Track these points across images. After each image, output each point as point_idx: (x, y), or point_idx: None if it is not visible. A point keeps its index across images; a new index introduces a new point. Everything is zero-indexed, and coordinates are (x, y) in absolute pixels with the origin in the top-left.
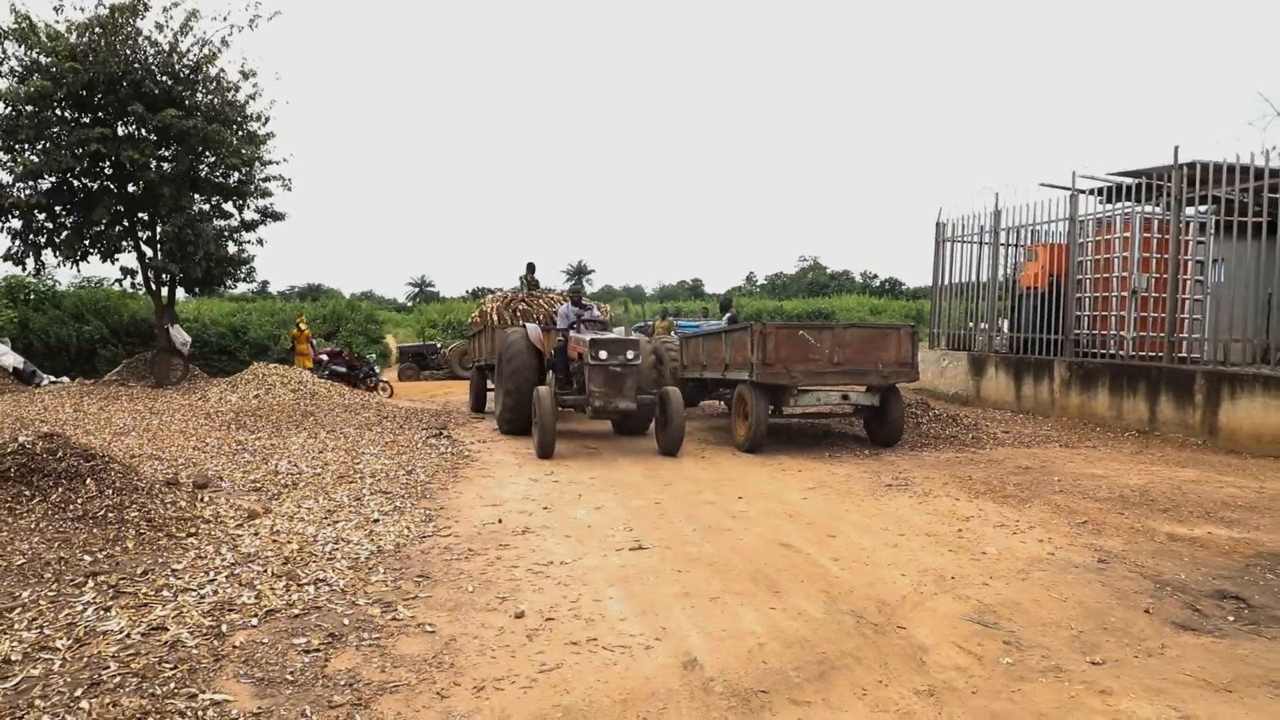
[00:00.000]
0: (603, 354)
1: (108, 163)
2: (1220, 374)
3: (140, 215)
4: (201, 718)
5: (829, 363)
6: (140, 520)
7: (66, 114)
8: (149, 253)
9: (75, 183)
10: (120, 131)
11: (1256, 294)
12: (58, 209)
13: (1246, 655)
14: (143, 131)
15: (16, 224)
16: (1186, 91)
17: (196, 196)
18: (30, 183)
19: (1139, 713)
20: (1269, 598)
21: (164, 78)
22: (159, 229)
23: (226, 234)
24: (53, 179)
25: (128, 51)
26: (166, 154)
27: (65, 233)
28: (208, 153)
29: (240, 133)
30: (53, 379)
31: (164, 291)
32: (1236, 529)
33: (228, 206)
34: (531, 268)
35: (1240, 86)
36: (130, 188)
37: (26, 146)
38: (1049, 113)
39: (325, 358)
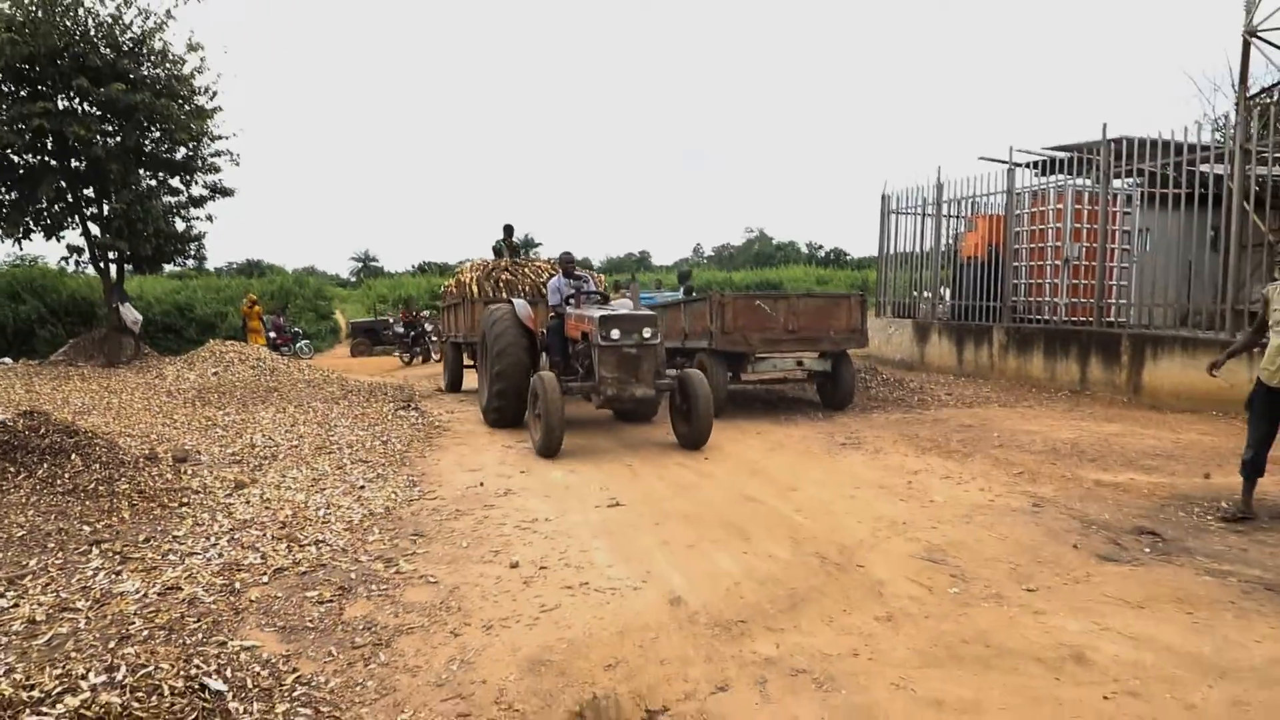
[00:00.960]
0: (615, 333)
1: (50, 138)
2: (1144, 337)
3: (86, 192)
4: (235, 660)
5: (784, 331)
6: (131, 492)
7: (6, 88)
8: (95, 230)
9: (17, 159)
10: (63, 106)
11: (1178, 262)
12: None
13: (1158, 579)
14: (87, 106)
15: None
16: (1115, 68)
17: (143, 172)
18: None
19: (1067, 627)
20: (1180, 532)
21: (107, 50)
22: (106, 206)
23: (174, 210)
24: None
25: (68, 23)
26: (112, 129)
27: (6, 210)
28: (154, 128)
29: (188, 107)
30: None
31: (112, 270)
32: (1154, 474)
33: (175, 182)
34: (510, 231)
35: (1164, 65)
36: (75, 164)
37: None
38: (988, 87)
39: (274, 334)
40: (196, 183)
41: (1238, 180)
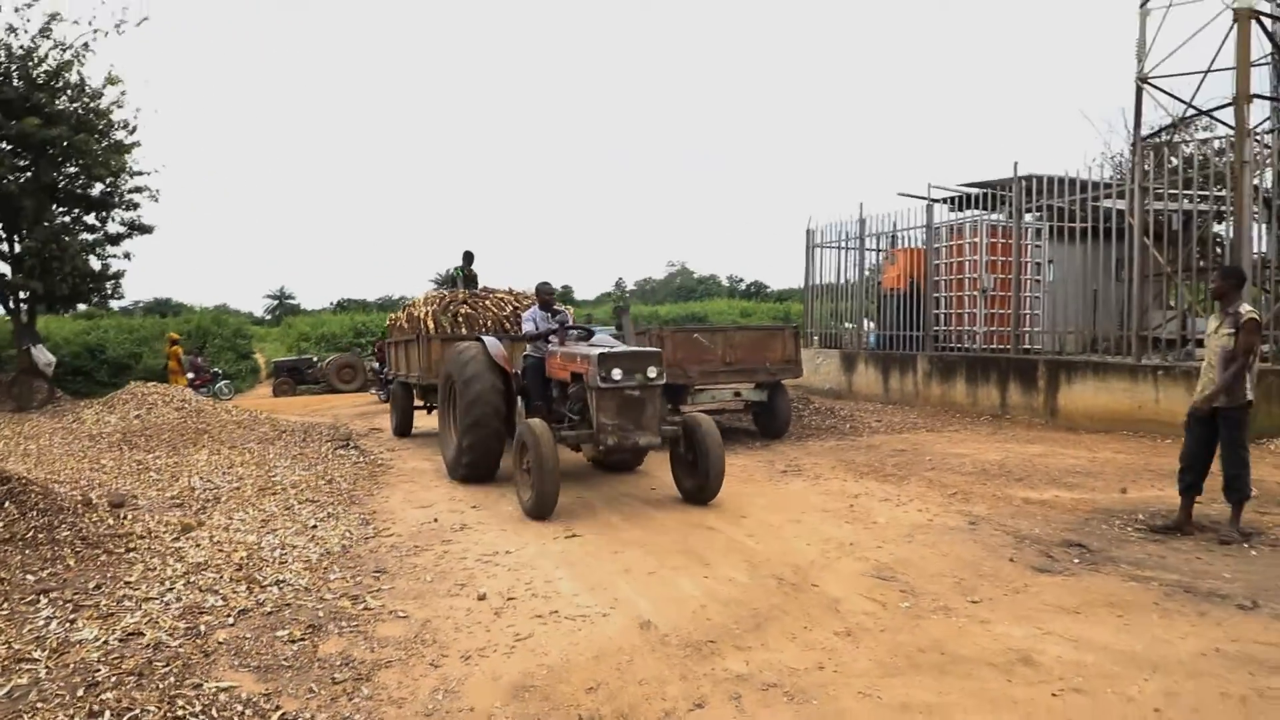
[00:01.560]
0: (616, 373)
1: None
2: (1058, 362)
3: None
4: (215, 701)
5: (722, 363)
6: (74, 539)
7: None
8: (5, 269)
9: None
10: None
11: (1084, 291)
12: None
13: (1089, 587)
14: None
15: None
16: (1025, 110)
17: (57, 209)
18: None
19: (1012, 633)
20: (1104, 543)
21: (20, 83)
22: (18, 244)
23: (90, 248)
24: None
25: None
26: (24, 164)
27: None
28: (70, 163)
29: (105, 142)
30: None
31: (23, 310)
32: (1076, 491)
33: (91, 219)
34: (469, 258)
35: (1068, 106)
36: None
37: None
38: (907, 125)
39: (193, 374)
40: (114, 219)
41: (1138, 217)
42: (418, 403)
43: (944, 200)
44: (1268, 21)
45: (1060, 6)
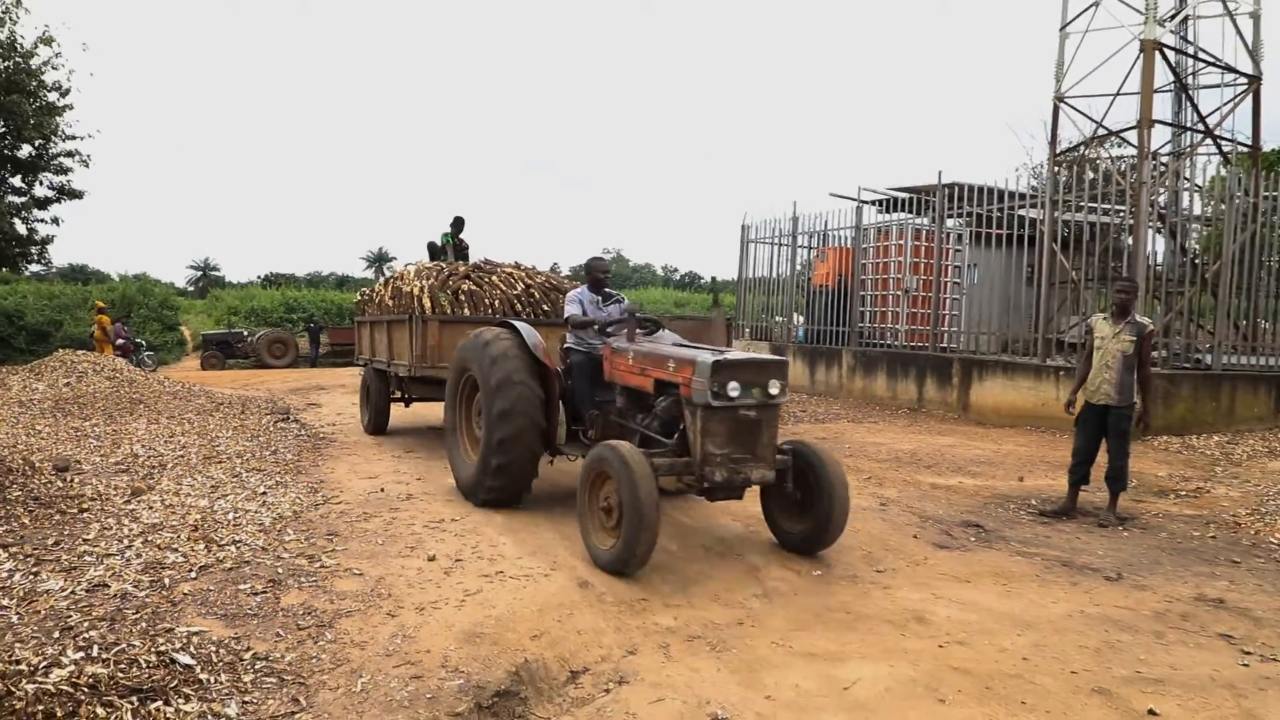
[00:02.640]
0: (733, 387)
1: None
2: (972, 361)
3: None
4: (189, 643)
5: None
6: (26, 499)
7: None
8: None
9: None
10: None
11: (1000, 295)
12: None
13: (981, 560)
14: None
15: None
16: (954, 119)
17: None
18: None
19: (910, 597)
20: (998, 524)
21: None
22: None
23: (17, 211)
24: None
25: None
26: None
27: None
28: None
29: (36, 103)
30: None
31: None
32: (979, 479)
33: (17, 181)
34: (459, 224)
35: (994, 118)
36: None
37: None
38: (840, 128)
39: (123, 342)
40: (42, 183)
41: (1048, 227)
42: (397, 397)
43: (873, 203)
44: (1171, 54)
45: (991, 25)
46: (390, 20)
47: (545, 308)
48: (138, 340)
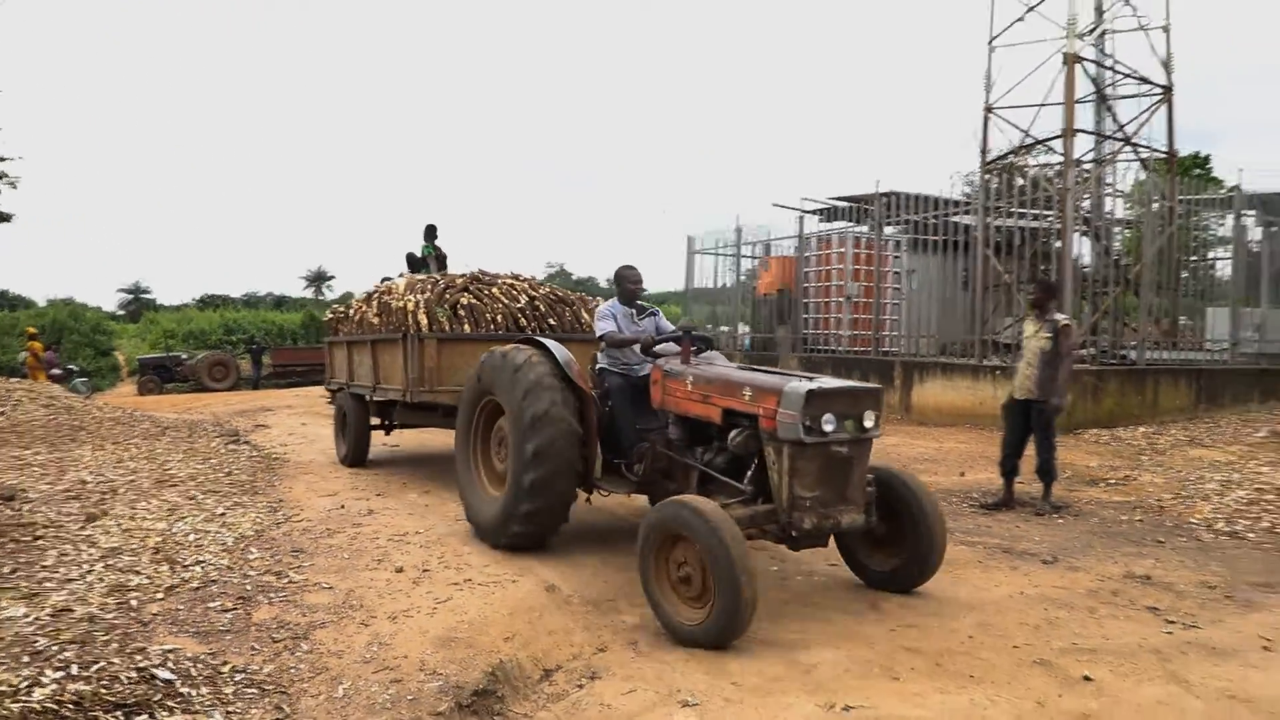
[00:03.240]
0: (827, 420)
1: None
2: (913, 363)
3: None
4: (167, 660)
5: None
6: None
7: None
8: None
9: None
10: None
11: (939, 299)
12: None
13: None
14: None
15: None
16: (890, 128)
17: None
18: None
19: (863, 587)
20: None
21: None
22: None
23: None
24: None
25: None
26: None
27: None
28: None
29: None
30: None
31: None
32: (923, 475)
33: None
34: (433, 233)
35: (929, 127)
36: None
37: None
38: (781, 137)
39: (59, 371)
40: None
41: (981, 233)
42: (381, 423)
43: (814, 212)
44: (1091, 67)
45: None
46: (321, 40)
47: (551, 322)
48: (70, 366)
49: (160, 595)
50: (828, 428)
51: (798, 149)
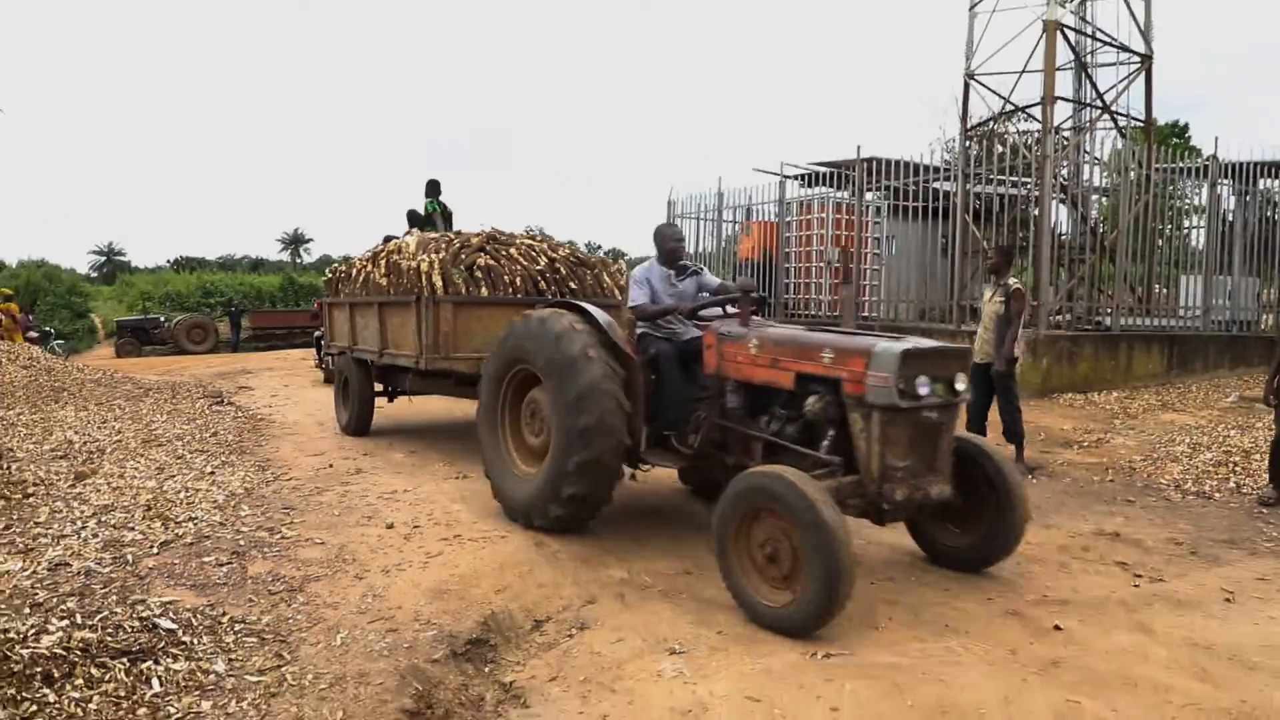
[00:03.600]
0: (922, 382)
1: None
2: (892, 328)
3: None
4: (167, 610)
5: None
6: None
7: None
8: None
9: None
10: None
11: (918, 265)
12: None
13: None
14: None
15: None
16: (870, 93)
17: None
18: None
19: None
20: None
21: None
22: None
23: None
24: None
25: None
26: None
27: None
28: None
29: None
30: None
31: None
32: None
33: None
34: (436, 188)
35: (910, 92)
36: None
37: None
38: (762, 102)
39: (35, 334)
40: None
41: (960, 199)
42: (393, 389)
43: (795, 177)
44: (1072, 35)
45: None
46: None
47: (572, 285)
48: (46, 329)
49: (155, 550)
50: (922, 391)
51: (778, 114)
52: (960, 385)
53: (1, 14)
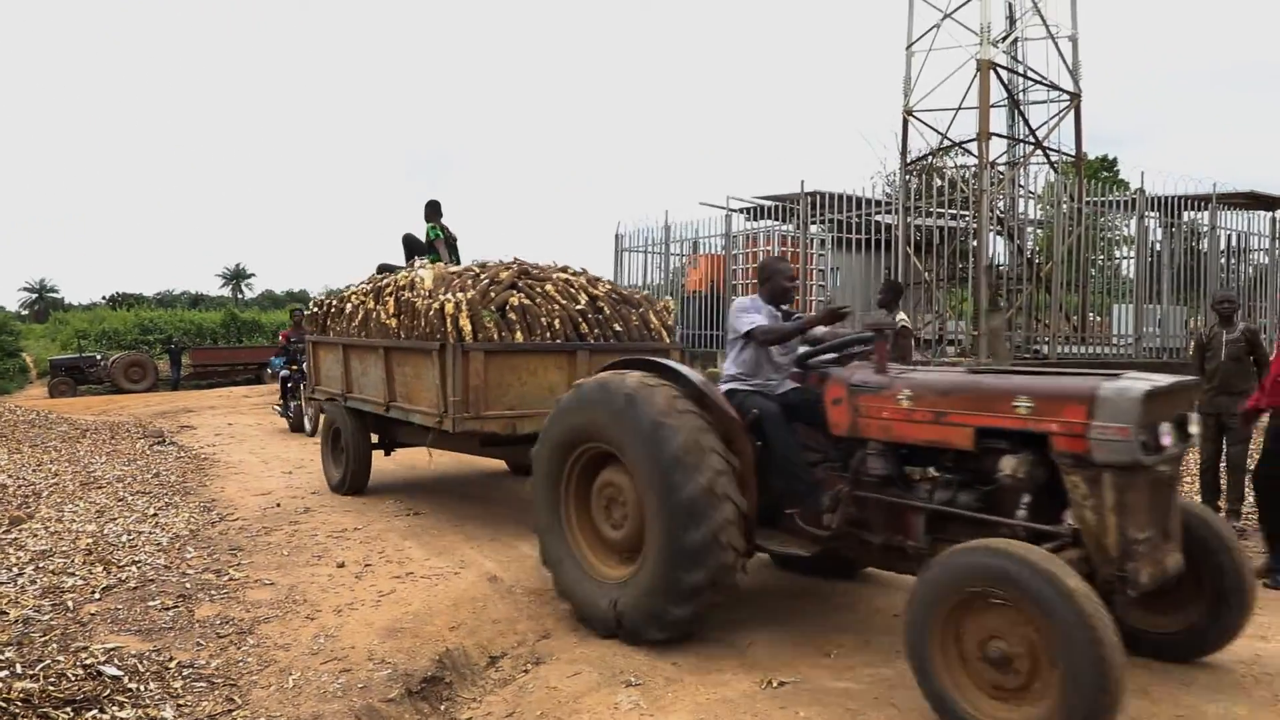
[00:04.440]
0: (1164, 432)
1: None
2: None
3: None
4: (112, 657)
5: None
6: None
7: None
8: None
9: None
10: None
11: (862, 296)
12: None
13: None
14: None
15: None
16: (814, 129)
17: None
18: None
19: (797, 575)
20: None
21: None
22: None
23: None
24: None
25: None
26: None
27: None
28: None
29: None
30: None
31: None
32: None
33: None
34: (436, 209)
35: (851, 127)
36: None
37: None
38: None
39: None
40: None
41: (901, 232)
42: (405, 448)
43: (741, 210)
44: (1005, 74)
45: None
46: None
47: (616, 326)
48: None
49: (97, 596)
50: (1166, 441)
51: (723, 148)
52: (1194, 428)
53: None
